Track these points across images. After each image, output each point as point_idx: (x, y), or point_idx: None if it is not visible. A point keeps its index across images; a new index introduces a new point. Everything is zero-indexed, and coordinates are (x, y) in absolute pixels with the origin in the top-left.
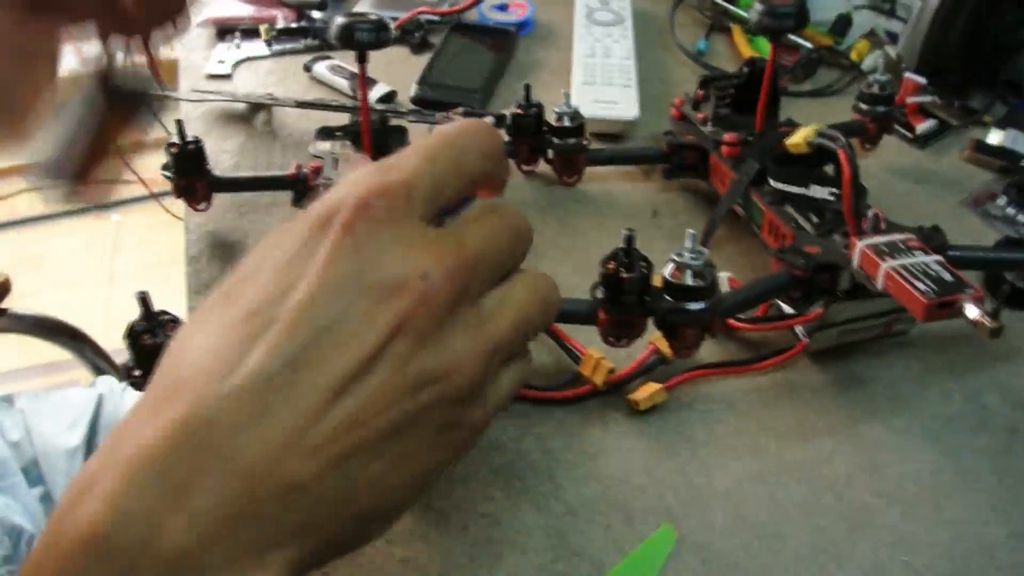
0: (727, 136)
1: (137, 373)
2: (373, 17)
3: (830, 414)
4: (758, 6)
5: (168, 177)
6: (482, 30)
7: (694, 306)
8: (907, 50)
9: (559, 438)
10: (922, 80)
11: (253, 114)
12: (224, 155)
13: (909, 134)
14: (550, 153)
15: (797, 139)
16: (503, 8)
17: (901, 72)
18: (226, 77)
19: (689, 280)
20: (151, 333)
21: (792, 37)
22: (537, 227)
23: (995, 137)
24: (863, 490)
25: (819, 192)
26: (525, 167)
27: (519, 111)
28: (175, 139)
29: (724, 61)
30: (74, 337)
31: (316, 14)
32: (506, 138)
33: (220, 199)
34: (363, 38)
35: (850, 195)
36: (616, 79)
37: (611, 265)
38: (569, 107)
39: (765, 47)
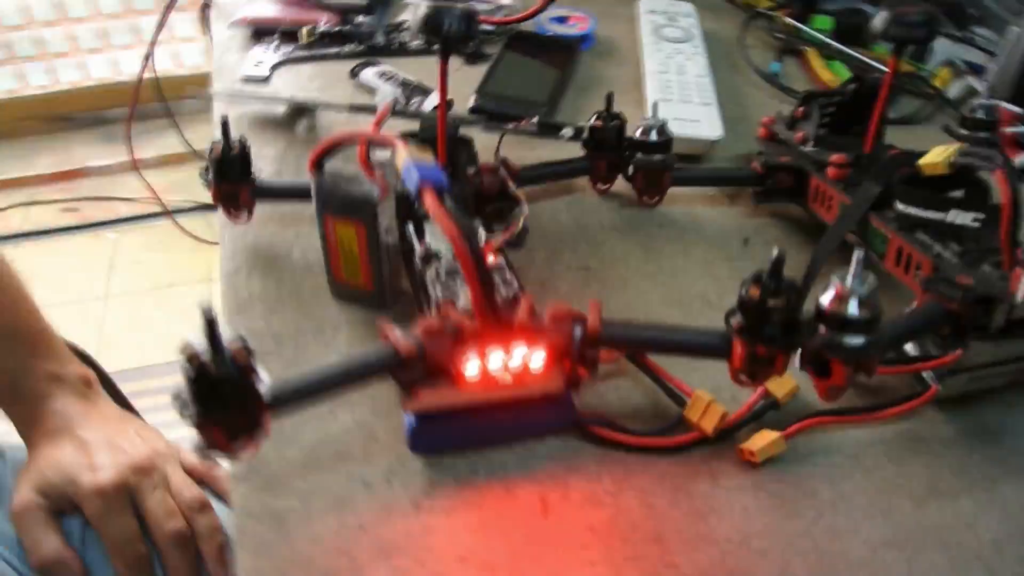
0: (835, 157)
1: (196, 411)
2: (461, 5)
3: (966, 472)
4: (883, 14)
5: (207, 182)
6: (542, 42)
7: (854, 340)
8: (999, 80)
9: (663, 494)
10: (1018, 110)
11: (295, 119)
12: (263, 162)
13: None
14: (630, 170)
15: (935, 158)
16: (562, 21)
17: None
18: (264, 80)
19: (853, 310)
20: (217, 362)
21: (868, 61)
22: (617, 252)
23: None
24: (1015, 560)
25: (961, 218)
26: (601, 185)
27: (599, 123)
28: (218, 140)
29: (800, 84)
30: None
31: (361, 18)
32: (582, 152)
33: (260, 210)
34: (452, 29)
35: (1010, 221)
36: (695, 97)
37: (754, 290)
38: (656, 120)
39: (843, 71)
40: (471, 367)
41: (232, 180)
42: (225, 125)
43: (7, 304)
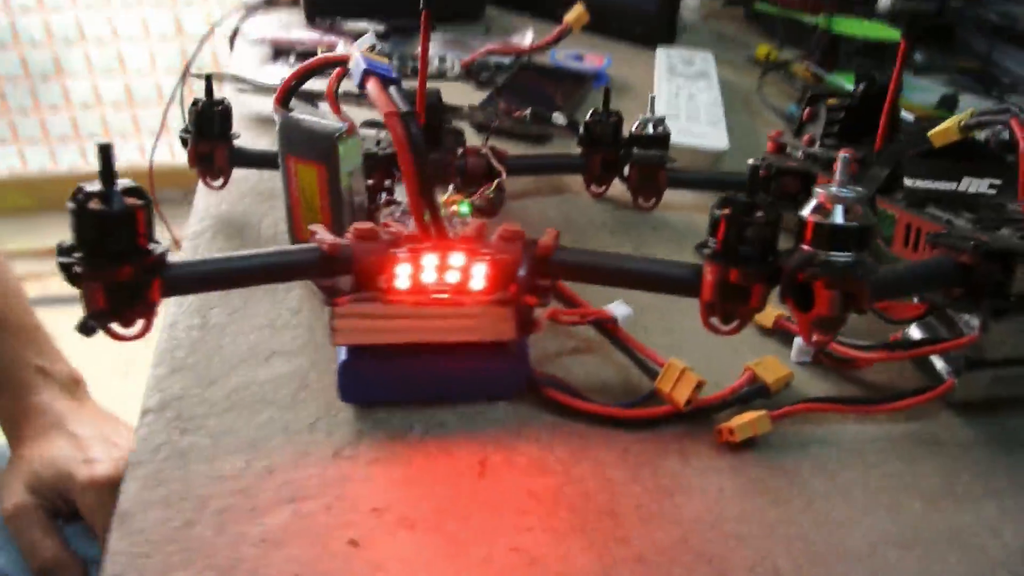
0: (842, 151)
1: (76, 254)
2: None
3: (990, 477)
4: None
5: (185, 140)
6: (554, 73)
7: (841, 257)
8: None
9: (623, 468)
10: None
11: None
12: None
13: None
14: (626, 171)
15: (946, 125)
16: (579, 58)
17: None
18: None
19: (839, 218)
20: (106, 197)
21: None
22: (605, 247)
23: None
24: None
25: (975, 185)
26: (595, 188)
27: (595, 119)
28: (200, 97)
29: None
30: None
31: (377, 44)
32: (578, 149)
33: (240, 184)
34: None
35: None
36: (702, 116)
37: (728, 208)
38: (653, 114)
39: None
40: (402, 273)
41: (210, 138)
42: (208, 80)
43: None
